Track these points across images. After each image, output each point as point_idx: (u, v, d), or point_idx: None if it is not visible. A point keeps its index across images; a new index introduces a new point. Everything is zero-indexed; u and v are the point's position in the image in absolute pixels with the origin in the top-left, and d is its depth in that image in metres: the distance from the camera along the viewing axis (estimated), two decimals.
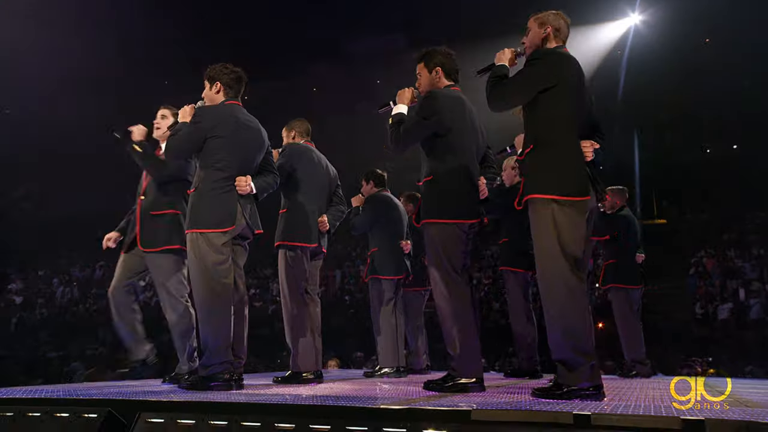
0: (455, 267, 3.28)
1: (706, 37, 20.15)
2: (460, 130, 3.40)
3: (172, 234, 3.87)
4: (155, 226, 3.91)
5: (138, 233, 3.94)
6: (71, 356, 12.24)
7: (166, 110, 4.12)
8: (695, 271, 15.20)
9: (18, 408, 2.54)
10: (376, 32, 27.61)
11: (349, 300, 16.61)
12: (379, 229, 5.25)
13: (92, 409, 2.45)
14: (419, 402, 2.57)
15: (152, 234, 3.91)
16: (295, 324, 4.12)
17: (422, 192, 3.45)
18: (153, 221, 3.92)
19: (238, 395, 2.91)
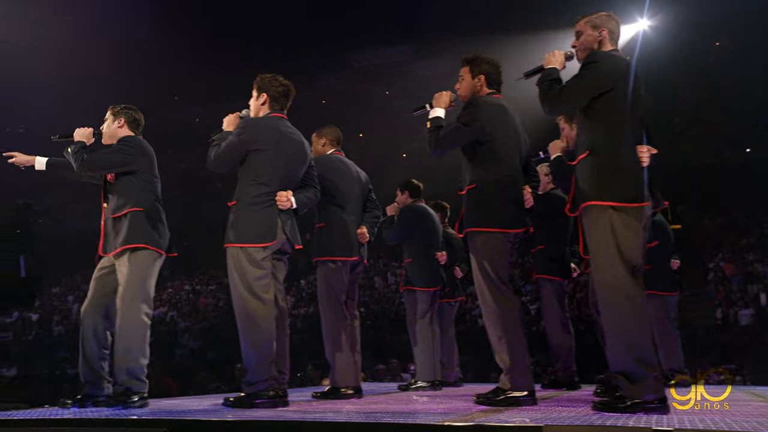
0: (502, 277, 3.22)
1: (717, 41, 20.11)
2: (502, 137, 3.35)
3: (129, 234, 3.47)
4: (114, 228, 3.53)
5: (101, 241, 3.57)
6: None
7: (109, 111, 3.78)
8: (714, 277, 15.05)
9: (73, 429, 2.49)
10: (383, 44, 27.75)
11: (365, 312, 16.55)
12: (414, 240, 5.19)
13: (149, 430, 2.40)
14: (481, 417, 2.50)
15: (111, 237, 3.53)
16: (334, 339, 4.05)
17: (465, 200, 3.39)
18: (113, 224, 3.54)
19: (289, 413, 2.86)
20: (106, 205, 3.63)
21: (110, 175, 3.61)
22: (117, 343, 3.43)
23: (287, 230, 3.41)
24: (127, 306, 3.41)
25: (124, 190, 3.58)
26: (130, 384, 3.38)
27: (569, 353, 4.97)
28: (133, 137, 3.68)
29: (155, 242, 3.53)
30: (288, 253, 3.55)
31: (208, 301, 18.62)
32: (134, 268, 3.45)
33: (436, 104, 3.50)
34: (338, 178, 4.20)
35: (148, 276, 3.49)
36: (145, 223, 3.52)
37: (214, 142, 3.55)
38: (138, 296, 3.43)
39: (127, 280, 3.43)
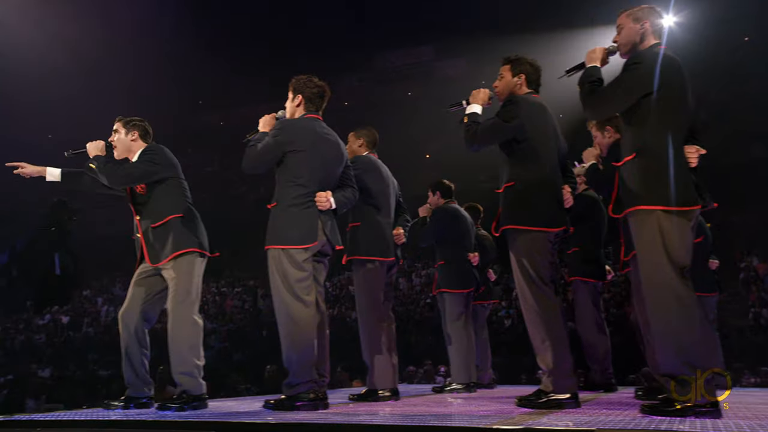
0: (543, 278, 3.19)
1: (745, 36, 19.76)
2: (541, 136, 3.33)
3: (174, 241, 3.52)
4: (158, 238, 3.56)
5: (145, 251, 3.59)
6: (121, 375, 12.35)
7: (118, 123, 3.77)
8: (746, 276, 14.77)
9: (121, 431, 2.52)
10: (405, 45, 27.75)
11: None
12: (447, 241, 5.17)
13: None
14: (528, 420, 2.48)
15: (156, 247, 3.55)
16: (372, 341, 4.05)
17: (503, 198, 3.36)
18: (155, 234, 3.57)
19: (333, 416, 2.86)
20: (139, 218, 3.66)
21: (140, 186, 3.66)
22: (172, 346, 3.48)
23: (327, 231, 3.42)
24: (180, 309, 3.47)
25: (158, 199, 3.63)
26: (187, 386, 3.44)
27: (606, 355, 4.92)
28: (156, 146, 3.73)
29: (200, 244, 3.60)
30: (328, 254, 3.56)
31: (234, 303, 18.77)
32: (183, 271, 3.51)
33: (473, 100, 3.49)
34: (374, 179, 4.22)
35: (195, 278, 3.55)
36: (187, 227, 3.59)
37: (251, 143, 3.55)
38: (188, 299, 3.50)
39: (177, 284, 3.50)
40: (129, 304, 3.64)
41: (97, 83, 19.56)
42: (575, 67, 3.12)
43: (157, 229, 3.57)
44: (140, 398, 3.65)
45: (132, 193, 3.69)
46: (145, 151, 3.67)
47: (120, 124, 3.75)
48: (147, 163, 3.60)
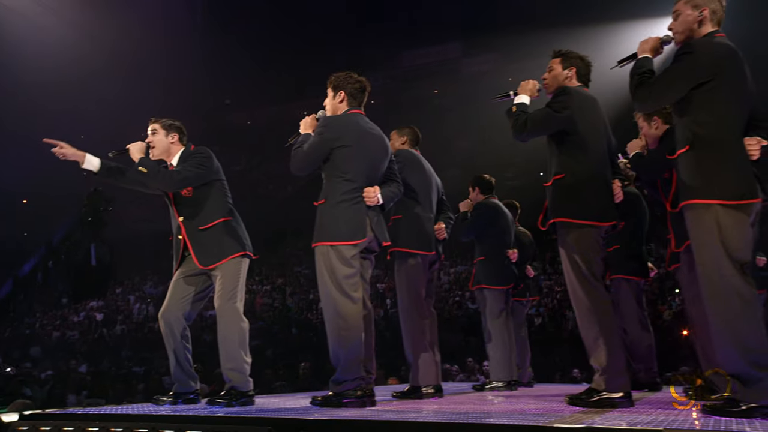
0: (595, 274, 3.14)
1: None
2: (592, 129, 3.28)
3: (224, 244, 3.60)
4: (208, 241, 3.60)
5: (192, 253, 3.62)
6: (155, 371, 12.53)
7: (156, 124, 3.76)
8: None
9: (178, 426, 2.54)
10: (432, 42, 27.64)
11: None
12: (487, 237, 5.14)
13: (252, 428, 2.42)
14: (586, 419, 2.44)
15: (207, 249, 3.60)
16: (415, 337, 4.03)
17: (551, 191, 3.31)
18: (203, 236, 3.61)
19: (383, 413, 2.84)
20: (182, 218, 3.67)
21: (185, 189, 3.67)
22: (222, 343, 3.53)
23: (375, 227, 3.42)
24: (227, 307, 3.52)
25: (204, 200, 3.67)
26: (236, 382, 3.47)
27: (649, 353, 4.83)
28: (204, 149, 3.75)
29: (246, 247, 3.66)
30: (375, 251, 3.55)
31: (264, 301, 18.89)
32: (230, 272, 3.57)
33: (521, 91, 3.45)
34: (416, 173, 4.20)
35: (241, 279, 3.60)
36: (234, 230, 3.66)
37: (295, 145, 3.56)
38: (236, 299, 3.54)
39: (224, 284, 3.54)
40: (169, 303, 3.67)
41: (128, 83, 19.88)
42: (627, 58, 3.05)
43: (206, 231, 3.61)
44: (188, 393, 3.70)
45: (175, 194, 3.71)
46: (193, 154, 3.69)
47: (159, 126, 3.75)
48: (199, 166, 3.62)
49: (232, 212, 3.74)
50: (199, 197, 3.67)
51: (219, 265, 3.57)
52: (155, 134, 3.73)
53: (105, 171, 3.79)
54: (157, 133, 3.74)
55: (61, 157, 3.72)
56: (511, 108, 3.41)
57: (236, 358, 3.48)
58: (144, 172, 3.56)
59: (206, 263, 3.58)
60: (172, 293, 3.69)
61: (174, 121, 3.79)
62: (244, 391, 3.46)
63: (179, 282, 3.69)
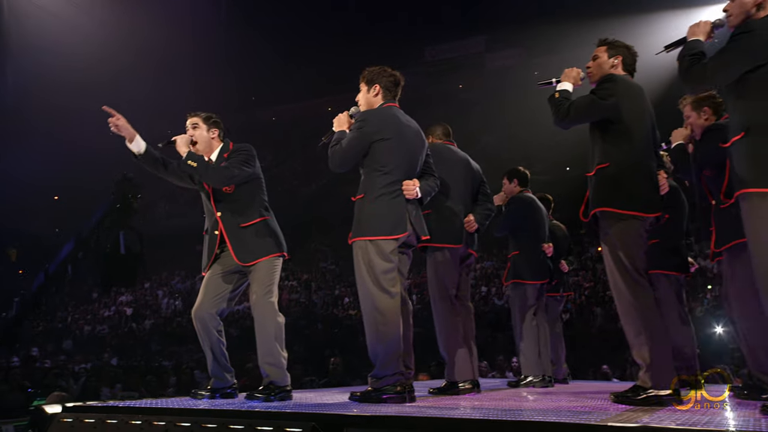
0: (638, 267, 3.05)
1: None
2: (637, 118, 3.18)
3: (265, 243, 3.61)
4: (248, 238, 3.60)
5: (230, 249, 3.61)
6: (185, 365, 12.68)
7: (197, 118, 3.72)
8: None
9: (221, 420, 2.53)
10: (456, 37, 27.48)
11: None
12: (522, 231, 5.06)
13: (296, 423, 2.40)
14: (637, 418, 2.37)
15: (247, 246, 3.60)
16: (448, 332, 3.98)
17: (594, 181, 3.22)
18: (244, 233, 3.60)
19: (426, 409, 2.80)
20: (220, 214, 3.65)
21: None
22: (260, 338, 3.52)
23: (414, 221, 3.38)
24: (264, 303, 3.52)
25: (246, 198, 3.66)
26: (274, 377, 3.48)
27: (691, 350, 4.71)
28: (247, 145, 3.73)
29: (284, 247, 3.68)
30: (413, 245, 3.51)
31: (290, 296, 18.99)
32: (266, 270, 3.58)
33: (564, 78, 3.38)
34: (446, 166, 4.11)
35: (276, 276, 3.62)
36: (273, 229, 3.67)
37: (332, 143, 3.51)
38: (271, 296, 3.55)
39: (261, 281, 3.55)
40: (203, 301, 3.66)
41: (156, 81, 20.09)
42: (675, 43, 2.95)
43: (246, 229, 3.61)
44: (225, 388, 3.70)
45: (215, 189, 3.68)
46: (238, 151, 3.66)
47: (200, 120, 3.73)
48: (245, 163, 3.60)
49: (269, 211, 3.74)
50: (240, 194, 3.65)
51: (257, 263, 3.57)
52: (196, 128, 3.71)
53: (148, 157, 3.71)
54: (198, 127, 3.71)
55: (113, 129, 3.62)
56: (553, 94, 3.33)
57: (274, 352, 3.49)
58: (194, 166, 3.52)
59: (245, 260, 3.58)
60: (206, 291, 3.67)
61: (214, 116, 3.77)
62: (282, 386, 3.46)
63: (214, 279, 3.68)
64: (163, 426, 2.60)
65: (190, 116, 3.75)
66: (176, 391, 7.89)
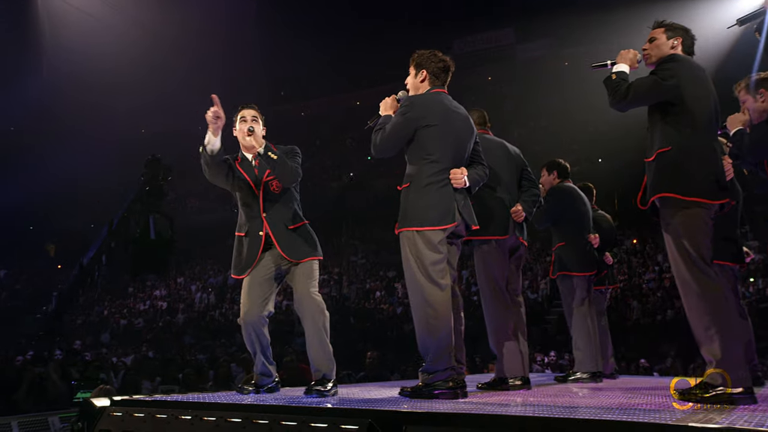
0: (705, 257, 2.89)
1: None
2: (701, 100, 3.01)
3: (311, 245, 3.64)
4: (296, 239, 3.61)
5: (278, 247, 3.56)
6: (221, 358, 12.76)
7: (256, 112, 3.67)
8: None
9: (274, 416, 2.45)
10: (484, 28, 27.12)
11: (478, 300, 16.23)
12: (566, 222, 4.91)
13: (351, 420, 2.30)
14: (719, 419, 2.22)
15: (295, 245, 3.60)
16: (498, 327, 3.86)
17: (654, 167, 3.04)
18: (291, 234, 3.61)
19: (484, 405, 2.69)
20: (266, 215, 3.60)
21: (276, 184, 3.61)
22: (309, 333, 3.50)
23: (462, 211, 3.26)
24: (313, 300, 3.53)
25: (290, 200, 3.68)
26: (326, 371, 3.44)
27: (749, 345, 4.50)
28: (297, 148, 3.70)
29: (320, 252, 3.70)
30: (462, 235, 3.39)
31: (322, 291, 19.02)
32: (309, 270, 3.58)
33: (620, 60, 3.22)
34: (486, 155, 3.98)
35: (317, 277, 3.64)
36: (313, 234, 3.70)
37: (376, 127, 3.42)
38: (316, 289, 3.60)
39: (308, 279, 3.56)
40: (251, 306, 3.60)
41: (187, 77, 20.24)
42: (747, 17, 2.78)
43: (294, 231, 3.62)
44: (268, 384, 3.66)
45: (265, 190, 3.63)
46: (291, 152, 3.63)
47: (259, 114, 3.67)
48: (299, 165, 3.61)
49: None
50: (286, 196, 3.66)
51: (302, 262, 3.57)
52: (256, 122, 3.64)
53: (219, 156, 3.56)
54: (257, 121, 3.66)
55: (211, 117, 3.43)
56: (610, 76, 3.18)
57: (324, 346, 3.46)
58: (274, 159, 3.48)
59: (298, 257, 3.57)
60: (252, 296, 3.60)
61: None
62: (329, 381, 3.42)
63: (257, 283, 3.61)
64: (213, 422, 2.54)
65: (247, 108, 3.66)
66: (215, 385, 7.91)
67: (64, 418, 5.40)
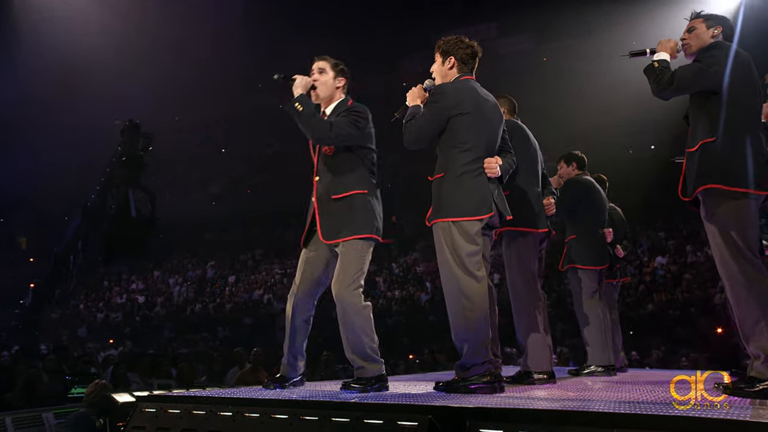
0: (752, 248, 2.85)
1: None
2: (746, 88, 2.97)
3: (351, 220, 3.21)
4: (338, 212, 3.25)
5: (318, 223, 3.29)
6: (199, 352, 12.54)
7: (324, 62, 3.38)
8: None
9: (323, 413, 2.34)
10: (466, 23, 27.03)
11: None
12: (580, 215, 4.87)
13: (410, 417, 2.20)
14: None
15: (331, 222, 3.25)
16: (529, 319, 3.77)
17: (696, 157, 2.99)
18: (332, 207, 3.27)
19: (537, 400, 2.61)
20: (318, 179, 3.34)
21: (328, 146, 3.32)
22: (347, 328, 3.21)
23: (497, 201, 3.17)
24: (346, 299, 3.17)
25: (346, 166, 3.29)
26: (367, 367, 3.23)
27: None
28: (363, 107, 3.35)
29: (378, 230, 3.30)
30: (496, 226, 3.30)
31: None
32: (355, 256, 3.21)
33: (660, 49, 3.18)
34: (524, 145, 3.91)
35: (366, 262, 3.26)
36: (369, 207, 3.27)
37: (406, 118, 3.28)
38: (357, 281, 3.21)
39: (346, 269, 3.20)
40: (302, 285, 3.33)
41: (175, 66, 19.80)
42: None
43: (338, 201, 3.26)
44: (294, 378, 3.47)
45: (318, 149, 3.35)
46: (350, 109, 3.31)
47: (328, 65, 3.37)
48: (353, 125, 3.24)
49: (372, 187, 3.32)
50: (340, 160, 3.29)
51: (343, 242, 3.23)
52: (323, 74, 3.37)
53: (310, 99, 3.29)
54: (325, 72, 3.37)
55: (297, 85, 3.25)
56: (651, 64, 3.13)
57: (358, 345, 3.20)
58: (299, 110, 3.17)
59: (329, 237, 3.24)
60: (303, 273, 3.35)
61: (343, 64, 3.42)
62: (372, 377, 3.20)
63: (311, 260, 3.35)
64: (257, 418, 2.41)
65: (317, 60, 3.40)
66: (208, 380, 7.73)
67: (59, 414, 5.20)
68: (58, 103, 20.67)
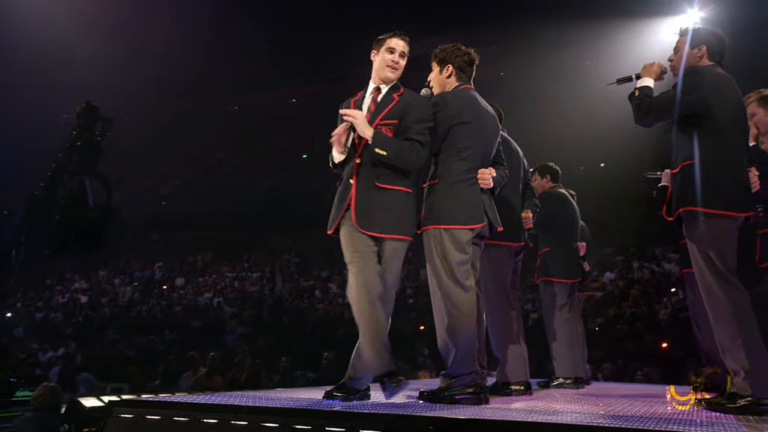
0: (731, 268, 2.92)
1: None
2: (729, 112, 3.03)
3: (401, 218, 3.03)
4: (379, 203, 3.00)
5: (353, 208, 3.00)
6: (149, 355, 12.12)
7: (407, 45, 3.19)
8: None
9: (315, 422, 2.25)
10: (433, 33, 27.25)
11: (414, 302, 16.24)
12: (554, 228, 4.91)
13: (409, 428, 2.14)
14: None
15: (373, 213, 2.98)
16: (503, 330, 3.77)
17: (680, 178, 3.06)
18: (376, 195, 3.01)
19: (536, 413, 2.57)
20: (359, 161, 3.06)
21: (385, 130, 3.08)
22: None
23: (489, 211, 3.16)
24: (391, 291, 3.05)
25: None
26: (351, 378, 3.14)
27: None
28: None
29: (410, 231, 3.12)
30: (485, 236, 3.28)
31: (254, 288, 18.48)
32: (398, 257, 3.07)
33: (644, 74, 3.22)
34: (508, 155, 3.88)
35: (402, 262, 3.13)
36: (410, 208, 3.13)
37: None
38: (398, 281, 3.11)
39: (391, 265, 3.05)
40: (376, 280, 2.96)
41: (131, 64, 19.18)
42: None
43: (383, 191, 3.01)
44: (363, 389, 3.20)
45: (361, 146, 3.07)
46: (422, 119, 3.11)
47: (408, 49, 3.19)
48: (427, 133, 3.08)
49: (417, 189, 3.16)
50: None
51: (379, 237, 3.01)
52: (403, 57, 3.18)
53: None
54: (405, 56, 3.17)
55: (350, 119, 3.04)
56: (633, 92, 3.17)
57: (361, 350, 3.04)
58: (381, 153, 2.94)
59: (363, 226, 2.97)
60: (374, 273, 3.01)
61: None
62: (357, 388, 3.12)
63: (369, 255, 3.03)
64: (245, 426, 2.30)
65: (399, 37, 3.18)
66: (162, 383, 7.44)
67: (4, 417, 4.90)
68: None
